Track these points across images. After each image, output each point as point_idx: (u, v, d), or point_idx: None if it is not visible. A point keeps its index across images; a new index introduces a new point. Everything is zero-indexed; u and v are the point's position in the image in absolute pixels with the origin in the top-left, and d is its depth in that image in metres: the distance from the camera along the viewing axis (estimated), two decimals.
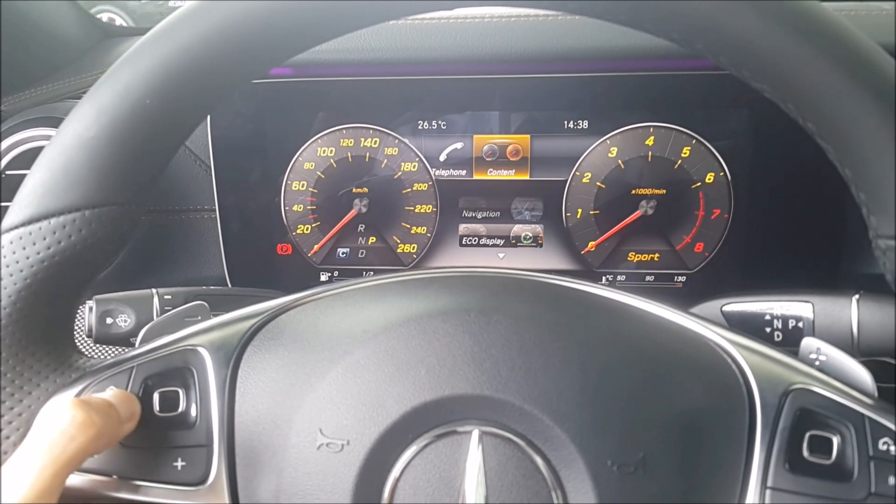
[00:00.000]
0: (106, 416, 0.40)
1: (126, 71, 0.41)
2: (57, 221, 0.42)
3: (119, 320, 0.60)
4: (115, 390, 0.43)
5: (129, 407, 0.43)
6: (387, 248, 0.82)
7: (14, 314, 0.42)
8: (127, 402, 0.43)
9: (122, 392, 0.43)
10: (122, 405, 0.42)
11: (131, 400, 0.43)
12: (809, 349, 0.45)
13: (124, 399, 0.43)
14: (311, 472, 0.40)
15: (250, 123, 0.79)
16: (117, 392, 0.43)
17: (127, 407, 0.43)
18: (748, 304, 0.61)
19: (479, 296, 0.44)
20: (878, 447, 0.39)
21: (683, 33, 0.39)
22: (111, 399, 0.42)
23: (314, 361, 0.43)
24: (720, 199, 0.76)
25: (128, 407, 0.43)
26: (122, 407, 0.42)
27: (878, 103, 0.36)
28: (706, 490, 0.39)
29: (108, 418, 0.41)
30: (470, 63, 0.74)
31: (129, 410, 0.43)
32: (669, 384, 0.41)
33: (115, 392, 0.43)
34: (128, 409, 0.43)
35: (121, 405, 0.42)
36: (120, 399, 0.43)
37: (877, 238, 0.39)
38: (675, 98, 0.74)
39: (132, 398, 0.43)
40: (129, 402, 0.43)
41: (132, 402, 0.43)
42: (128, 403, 0.43)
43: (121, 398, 0.43)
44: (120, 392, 0.43)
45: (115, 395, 0.43)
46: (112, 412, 0.41)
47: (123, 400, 0.43)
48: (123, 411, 0.42)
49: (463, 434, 0.39)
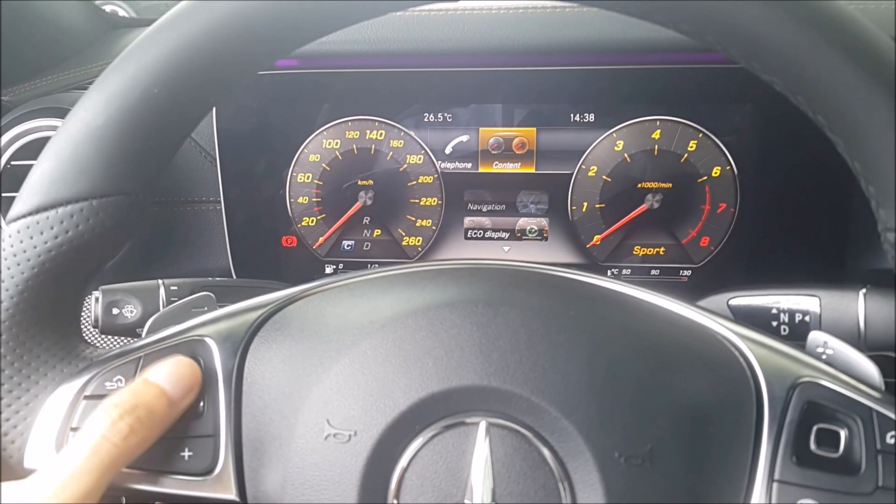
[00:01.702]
0: (149, 420, 0.40)
1: (134, 60, 0.41)
2: (65, 211, 0.42)
3: (125, 311, 0.60)
4: (174, 362, 0.42)
5: (187, 382, 0.42)
6: (392, 240, 0.82)
7: (21, 304, 0.43)
8: (184, 375, 0.42)
9: (180, 363, 0.42)
10: (176, 385, 0.41)
11: (190, 372, 0.42)
12: (816, 343, 0.45)
13: (181, 373, 0.42)
14: (317, 463, 0.40)
15: (255, 115, 0.78)
16: (173, 368, 0.42)
17: (184, 383, 0.42)
18: (754, 298, 0.61)
19: (487, 287, 0.44)
20: (885, 440, 0.39)
21: (693, 25, 0.38)
22: (165, 383, 0.41)
23: (321, 352, 0.42)
24: (726, 192, 0.76)
25: (185, 383, 0.42)
26: (176, 387, 0.41)
27: (888, 96, 0.36)
28: (713, 483, 0.39)
29: (152, 420, 0.40)
30: (476, 55, 0.74)
31: (186, 386, 0.42)
32: (677, 377, 0.41)
33: (170, 368, 0.42)
34: (185, 385, 0.42)
35: (175, 384, 0.41)
36: (176, 376, 0.42)
37: (885, 231, 0.39)
38: (682, 92, 0.74)
39: (191, 368, 0.42)
40: (186, 377, 0.42)
41: (190, 373, 0.42)
42: (185, 378, 0.42)
43: (177, 375, 0.42)
44: (176, 367, 0.42)
45: (171, 372, 0.42)
46: (160, 406, 0.41)
47: (180, 374, 0.42)
48: (178, 390, 0.41)
49: (470, 425, 0.39)
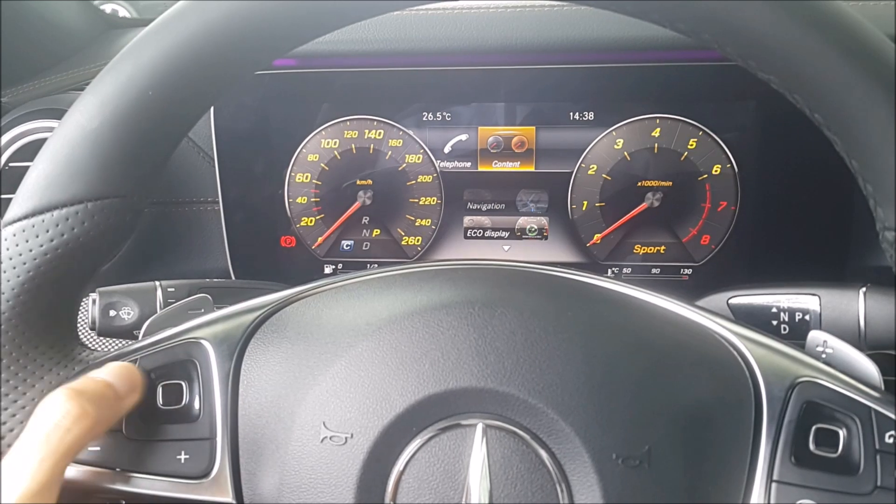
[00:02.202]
0: (100, 402, 0.40)
1: (129, 62, 0.41)
2: (60, 214, 0.42)
3: (122, 313, 0.60)
4: (113, 365, 0.43)
5: (129, 380, 0.42)
6: (391, 240, 0.82)
7: (17, 307, 0.42)
8: (126, 375, 0.42)
9: (119, 366, 0.43)
10: (120, 380, 0.42)
11: (130, 372, 0.43)
12: (816, 342, 0.44)
13: (122, 373, 0.42)
14: (314, 466, 0.40)
15: (254, 115, 0.78)
16: (115, 367, 0.43)
17: (126, 381, 0.42)
18: (755, 296, 0.60)
19: (484, 288, 0.44)
20: (884, 440, 0.39)
21: (690, 23, 0.38)
22: (108, 377, 0.42)
23: (318, 354, 0.42)
24: (727, 191, 0.76)
25: (127, 380, 0.42)
26: (120, 382, 0.42)
27: (885, 94, 0.36)
28: (712, 484, 0.39)
29: (103, 404, 0.40)
30: (475, 54, 0.73)
31: (129, 384, 0.42)
32: (675, 377, 0.41)
33: (112, 368, 0.43)
34: (128, 383, 0.42)
35: (119, 380, 0.42)
36: (118, 374, 0.42)
37: (884, 230, 0.39)
38: (682, 89, 0.73)
39: (131, 370, 0.43)
40: (128, 376, 0.42)
41: (132, 374, 0.43)
42: (127, 377, 0.42)
43: (119, 373, 0.42)
44: (117, 366, 0.43)
45: (113, 370, 0.42)
46: (108, 393, 0.41)
47: (122, 374, 0.42)
48: (122, 386, 0.42)
49: (467, 427, 0.39)
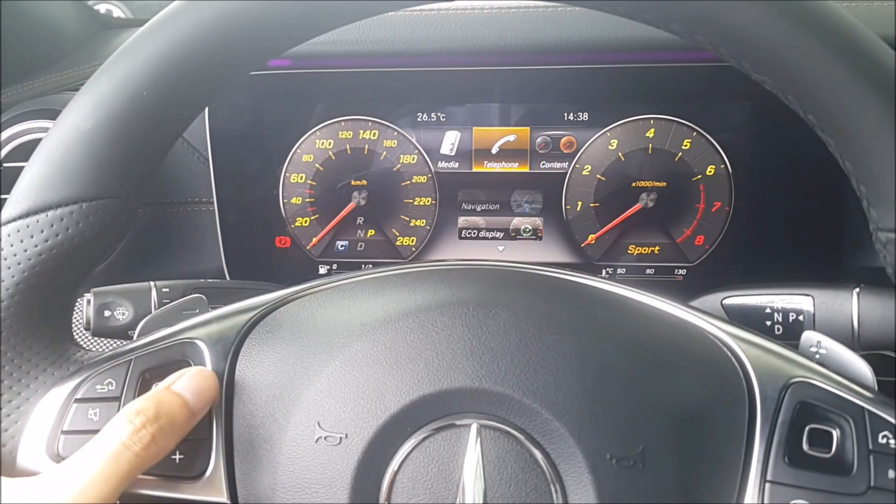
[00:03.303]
0: (170, 431, 0.40)
1: (123, 63, 0.41)
2: (54, 214, 0.42)
3: (117, 313, 0.60)
4: (194, 373, 0.42)
5: (207, 396, 0.42)
6: (386, 240, 0.82)
7: (12, 307, 0.42)
8: (204, 391, 0.42)
9: (200, 376, 0.42)
10: (198, 397, 0.41)
11: (210, 385, 0.42)
12: (810, 342, 0.45)
13: (202, 387, 0.41)
14: (309, 466, 0.40)
15: (248, 115, 0.78)
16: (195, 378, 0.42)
17: (204, 397, 0.41)
18: (748, 297, 0.61)
19: (478, 289, 0.44)
20: (877, 441, 0.39)
21: (684, 24, 0.38)
22: (187, 393, 0.41)
23: (312, 355, 0.42)
24: (721, 191, 0.76)
25: (205, 397, 0.42)
26: (197, 399, 0.41)
27: (878, 95, 0.36)
28: (705, 484, 0.39)
29: (172, 431, 0.40)
30: (470, 55, 0.73)
31: (205, 400, 0.42)
32: (669, 378, 0.41)
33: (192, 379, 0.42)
34: (205, 399, 0.41)
35: (196, 398, 0.41)
36: (197, 390, 0.41)
37: (877, 231, 0.39)
38: (676, 90, 0.74)
39: (212, 381, 0.42)
40: (206, 392, 0.42)
41: (211, 386, 0.42)
42: (205, 393, 0.42)
43: (198, 387, 0.41)
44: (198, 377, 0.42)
45: (192, 383, 0.41)
46: (181, 417, 0.40)
47: (200, 389, 0.41)
48: (198, 404, 0.41)
49: (462, 427, 0.39)
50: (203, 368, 0.43)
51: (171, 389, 0.41)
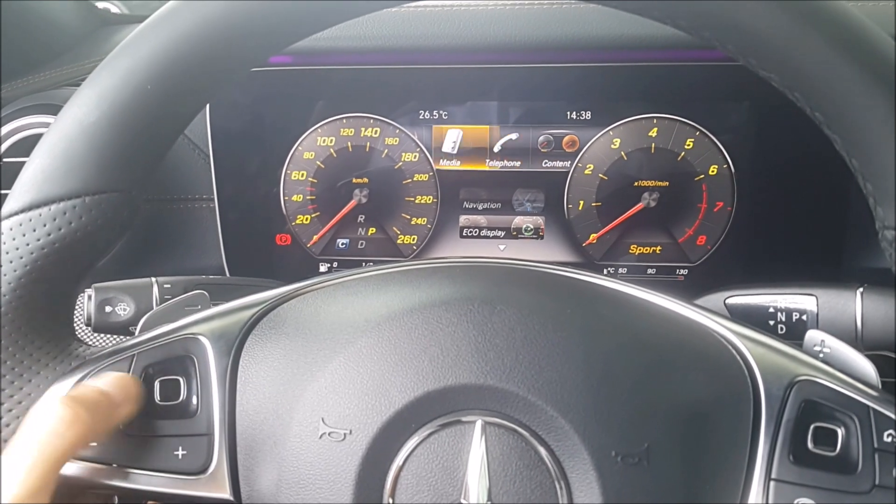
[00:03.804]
0: (94, 409, 0.40)
1: (127, 56, 0.41)
2: (57, 208, 0.41)
3: (118, 309, 0.60)
4: (110, 374, 0.43)
5: (126, 390, 0.42)
6: (387, 239, 0.82)
7: (13, 301, 0.42)
8: (123, 385, 0.42)
9: (117, 376, 0.43)
10: (116, 389, 0.42)
11: (128, 383, 0.43)
12: (814, 341, 0.45)
13: (119, 383, 0.42)
14: (312, 462, 0.40)
15: (249, 112, 0.78)
16: (112, 377, 0.42)
17: (123, 390, 0.42)
18: (751, 296, 0.60)
19: (483, 285, 0.44)
20: (882, 439, 0.39)
21: (691, 21, 0.38)
22: (104, 386, 0.41)
23: (316, 351, 0.42)
24: (723, 191, 0.76)
25: (124, 390, 0.42)
26: (116, 392, 0.42)
27: (886, 93, 0.36)
28: (710, 482, 0.39)
29: (98, 411, 0.40)
30: (472, 52, 0.73)
31: (125, 393, 0.42)
32: (674, 375, 0.41)
33: (109, 377, 0.42)
34: (124, 393, 0.42)
35: (116, 390, 0.42)
36: (114, 384, 0.42)
37: (883, 229, 0.39)
38: (680, 89, 0.74)
39: (129, 380, 0.43)
40: (125, 386, 0.42)
41: (129, 384, 0.42)
42: (124, 387, 0.42)
43: (115, 382, 0.42)
44: (115, 376, 0.43)
45: (110, 380, 0.42)
46: (103, 401, 0.41)
47: (118, 384, 0.42)
48: (118, 395, 0.41)
49: (466, 424, 0.39)
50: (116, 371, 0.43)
51: (84, 383, 0.42)
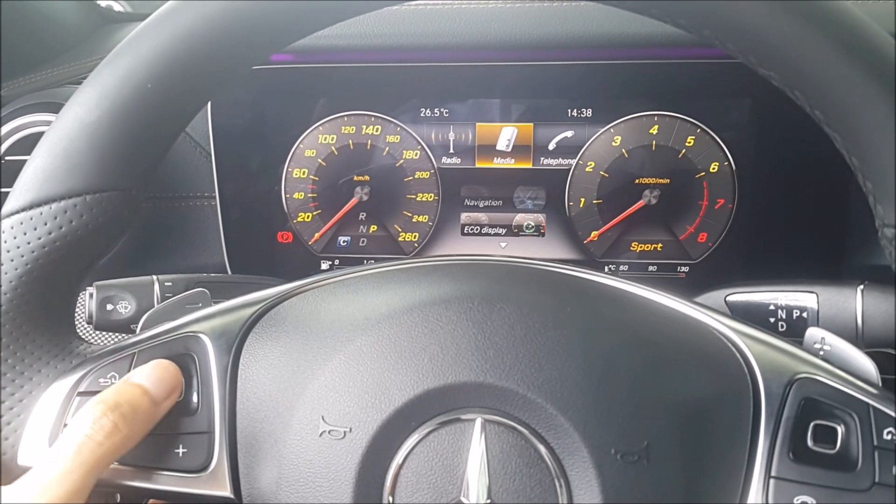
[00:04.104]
0: (134, 415, 0.40)
1: (128, 55, 0.41)
2: (58, 206, 0.42)
3: (119, 307, 0.60)
4: (155, 365, 0.42)
5: (169, 383, 0.42)
6: (388, 236, 0.82)
7: (15, 300, 0.42)
8: (165, 378, 0.42)
9: (161, 366, 0.42)
10: (159, 385, 0.42)
11: (171, 374, 0.42)
12: (814, 339, 0.45)
13: (162, 375, 0.42)
14: (313, 460, 0.40)
15: (251, 110, 0.78)
16: (155, 368, 0.42)
17: (166, 384, 0.42)
18: (752, 294, 0.60)
19: (483, 283, 0.44)
20: (882, 437, 0.39)
21: (691, 19, 0.38)
22: (147, 382, 0.41)
23: (316, 349, 0.42)
24: (724, 188, 0.76)
25: (167, 384, 0.42)
26: (158, 387, 0.42)
27: (886, 91, 0.36)
28: (710, 479, 0.39)
29: (137, 416, 0.40)
30: (474, 50, 0.73)
31: (168, 387, 0.42)
32: (674, 373, 0.41)
33: (152, 369, 0.42)
34: (167, 387, 0.42)
35: (157, 385, 0.42)
36: (157, 378, 0.42)
37: (883, 227, 0.39)
38: (680, 87, 0.73)
39: (172, 371, 0.43)
40: (167, 378, 0.42)
41: (172, 376, 0.42)
42: (166, 379, 0.42)
43: (158, 376, 0.42)
44: (158, 368, 0.42)
45: (152, 373, 0.42)
46: (143, 404, 0.41)
47: (161, 377, 0.42)
48: (160, 391, 0.42)
49: (466, 422, 0.39)
50: (163, 360, 0.43)
51: (129, 380, 0.42)
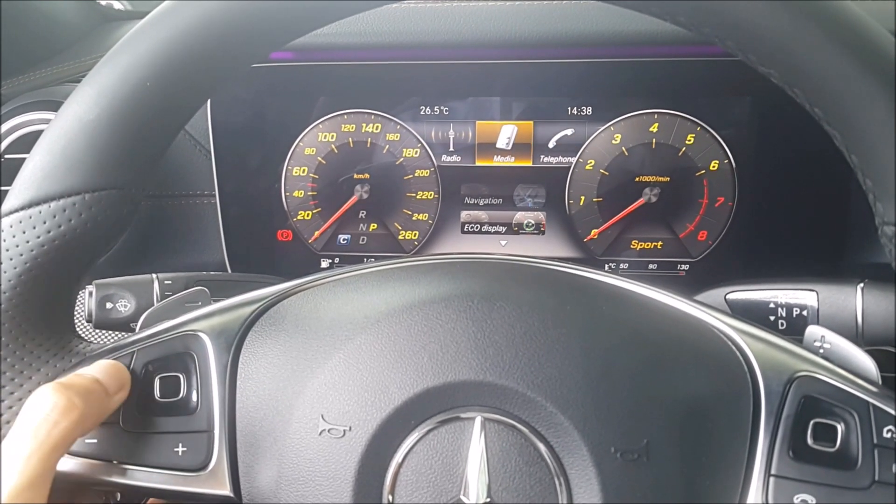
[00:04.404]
0: (87, 395, 0.40)
1: (126, 53, 0.41)
2: (57, 205, 0.42)
3: (119, 305, 0.60)
4: (102, 363, 0.43)
5: (118, 378, 0.42)
6: (388, 234, 0.82)
7: (14, 298, 0.42)
8: (114, 373, 0.42)
9: (107, 363, 0.43)
10: (109, 378, 0.42)
11: (119, 370, 0.43)
12: (814, 337, 0.44)
13: (111, 371, 0.42)
14: (312, 458, 0.40)
15: (251, 108, 0.78)
16: (103, 364, 0.43)
17: (115, 378, 0.42)
18: (752, 292, 0.60)
19: (483, 282, 0.44)
20: (882, 435, 0.39)
21: (690, 17, 0.38)
22: (97, 374, 0.42)
23: (316, 347, 0.42)
24: (724, 186, 0.76)
25: (116, 378, 0.42)
26: (109, 380, 0.42)
27: (885, 89, 0.36)
28: (709, 478, 0.39)
29: (91, 398, 0.40)
30: (474, 48, 0.73)
31: (117, 381, 0.42)
32: (673, 371, 0.41)
33: (100, 365, 0.43)
34: (116, 381, 0.42)
35: (108, 378, 0.42)
36: (106, 371, 0.42)
37: (882, 225, 0.39)
38: (680, 85, 0.73)
39: (119, 368, 0.43)
40: (116, 373, 0.42)
41: (120, 371, 0.43)
42: (115, 375, 0.42)
43: (107, 370, 0.42)
44: (106, 364, 0.43)
45: (101, 368, 0.42)
46: (96, 388, 0.41)
47: (110, 372, 0.42)
48: (111, 384, 0.42)
49: (466, 420, 0.39)
50: (108, 360, 0.43)
51: (78, 372, 0.42)
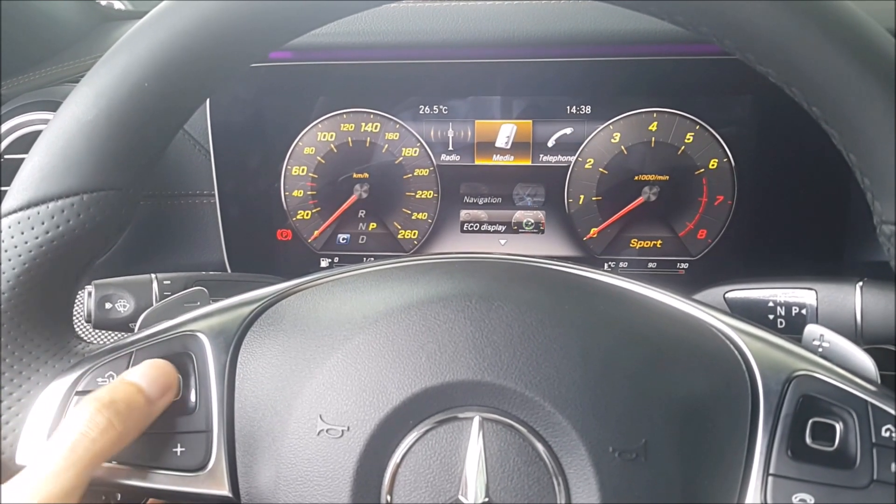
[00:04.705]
0: (128, 414, 0.40)
1: (124, 54, 0.41)
2: (55, 206, 0.42)
3: (118, 305, 0.60)
4: (149, 363, 0.42)
5: (163, 381, 0.42)
6: (387, 233, 0.82)
7: (13, 299, 0.42)
8: (160, 376, 0.42)
9: (154, 364, 0.42)
10: (153, 383, 0.42)
11: (165, 372, 0.42)
12: (813, 336, 0.44)
13: (156, 374, 0.42)
14: (310, 458, 0.40)
15: (250, 108, 0.78)
16: (149, 367, 0.42)
17: (160, 383, 0.42)
18: (751, 290, 0.60)
19: (481, 282, 0.44)
20: (880, 434, 0.39)
21: (688, 16, 0.38)
22: (140, 380, 0.41)
23: (314, 347, 0.42)
24: (723, 185, 0.75)
25: (161, 382, 0.42)
26: (153, 385, 0.41)
27: (884, 88, 0.36)
28: (708, 477, 0.39)
29: (132, 415, 0.40)
30: (473, 47, 0.73)
31: (163, 385, 0.42)
32: (672, 371, 0.41)
33: (146, 368, 0.42)
34: (161, 385, 0.42)
35: (152, 384, 0.41)
36: (152, 376, 0.42)
37: (881, 223, 0.39)
38: (679, 83, 0.73)
39: (166, 370, 0.42)
40: (162, 377, 0.42)
41: (166, 375, 0.42)
42: (160, 378, 0.42)
43: (152, 374, 0.42)
44: (152, 366, 0.42)
45: (147, 371, 0.42)
46: (138, 401, 0.41)
47: (155, 376, 0.42)
48: (155, 390, 0.41)
49: (464, 420, 0.39)
50: (158, 360, 0.43)
51: (124, 379, 0.42)
